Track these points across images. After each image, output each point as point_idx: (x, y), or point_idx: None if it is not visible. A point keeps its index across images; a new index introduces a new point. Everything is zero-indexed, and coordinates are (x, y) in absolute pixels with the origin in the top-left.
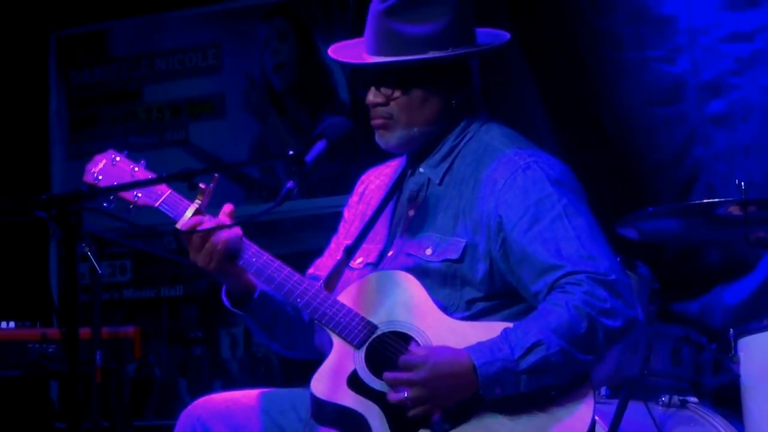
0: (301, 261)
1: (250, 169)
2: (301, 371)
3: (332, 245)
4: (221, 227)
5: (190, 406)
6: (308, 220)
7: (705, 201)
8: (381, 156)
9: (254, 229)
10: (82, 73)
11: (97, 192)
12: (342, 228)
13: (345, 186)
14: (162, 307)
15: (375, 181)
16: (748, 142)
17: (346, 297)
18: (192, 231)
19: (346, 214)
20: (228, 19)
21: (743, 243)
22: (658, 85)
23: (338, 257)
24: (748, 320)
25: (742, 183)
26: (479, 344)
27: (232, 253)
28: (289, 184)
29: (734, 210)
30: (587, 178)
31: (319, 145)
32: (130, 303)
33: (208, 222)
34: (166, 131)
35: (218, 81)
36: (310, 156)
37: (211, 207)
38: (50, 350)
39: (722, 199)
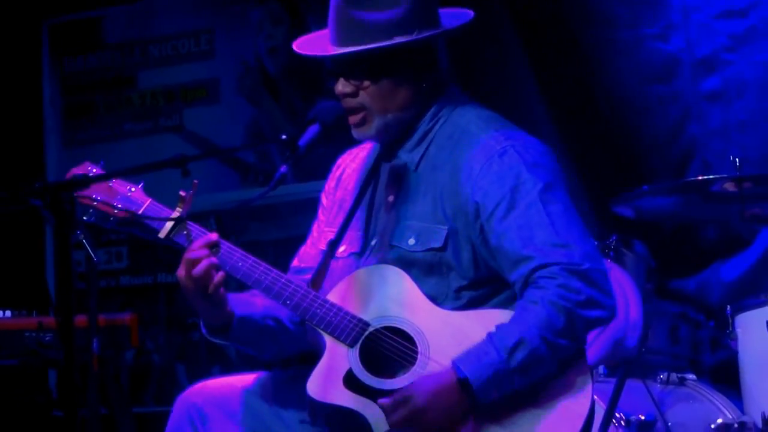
0: (298, 245)
1: (245, 153)
2: (298, 355)
3: (314, 233)
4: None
5: (185, 392)
6: (303, 204)
7: (700, 178)
8: None
9: (249, 213)
10: (76, 60)
11: (89, 180)
12: (322, 214)
13: None
14: (159, 293)
15: (351, 165)
16: (743, 119)
17: (335, 295)
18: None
19: (324, 200)
20: (221, 4)
21: (739, 219)
22: (653, 63)
23: (321, 248)
24: (746, 297)
25: (737, 159)
26: (466, 354)
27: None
28: (282, 168)
29: (729, 186)
30: (582, 157)
31: (312, 129)
32: (127, 290)
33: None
34: (160, 117)
35: (212, 66)
36: (303, 140)
37: (206, 191)
38: (47, 339)
39: (717, 176)
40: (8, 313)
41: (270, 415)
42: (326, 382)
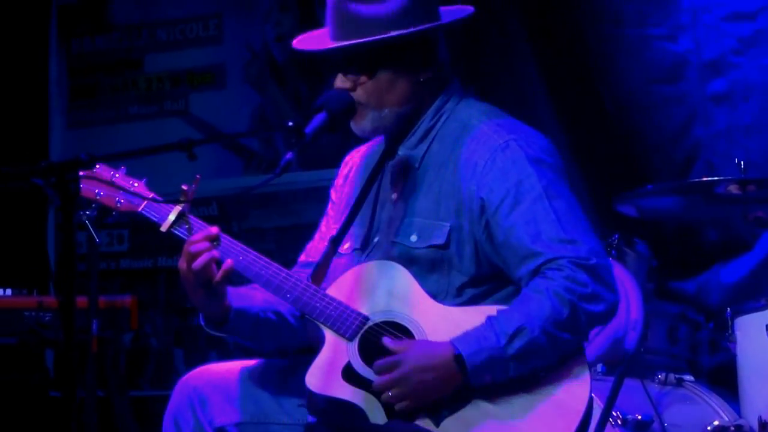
0: (299, 233)
1: (249, 140)
2: (299, 349)
3: (322, 228)
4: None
5: (186, 376)
6: (307, 192)
7: (704, 179)
8: None
9: (253, 200)
10: (83, 42)
11: (95, 160)
12: (331, 210)
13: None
14: (159, 277)
15: (359, 162)
16: (748, 122)
17: (335, 290)
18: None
19: (333, 195)
20: None
21: (742, 222)
22: (660, 63)
23: (326, 245)
24: (745, 299)
25: (741, 162)
26: (465, 334)
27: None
28: (288, 155)
29: (733, 189)
30: (587, 155)
31: (319, 117)
32: (127, 273)
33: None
34: (166, 101)
35: (219, 52)
36: (310, 128)
37: (209, 177)
38: (46, 318)
39: (721, 178)
40: (8, 291)
41: (269, 401)
42: (325, 375)
